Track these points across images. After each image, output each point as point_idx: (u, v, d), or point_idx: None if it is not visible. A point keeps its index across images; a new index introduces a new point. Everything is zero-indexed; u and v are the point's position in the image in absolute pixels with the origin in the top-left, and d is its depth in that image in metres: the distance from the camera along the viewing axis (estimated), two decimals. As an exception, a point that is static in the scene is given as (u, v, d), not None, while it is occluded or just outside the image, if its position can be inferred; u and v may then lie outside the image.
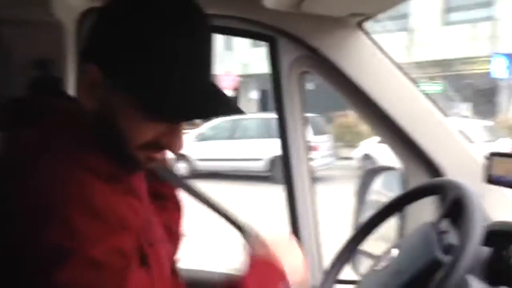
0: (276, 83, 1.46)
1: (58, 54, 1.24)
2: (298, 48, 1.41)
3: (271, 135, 11.82)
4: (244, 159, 11.77)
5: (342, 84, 1.39)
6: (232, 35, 1.56)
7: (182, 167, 11.80)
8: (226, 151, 12.01)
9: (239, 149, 11.94)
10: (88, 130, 0.79)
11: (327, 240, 1.52)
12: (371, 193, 1.61)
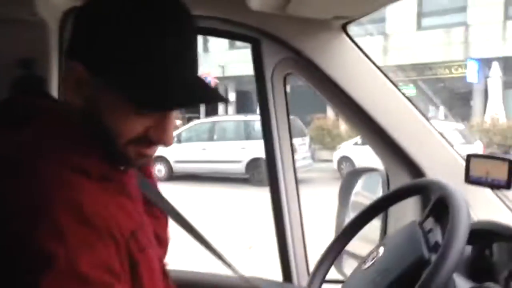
0: (260, 85, 1.46)
1: (42, 53, 1.22)
2: (282, 50, 1.42)
3: (250, 137, 11.86)
4: (223, 161, 11.75)
5: (325, 86, 1.41)
6: (216, 36, 1.56)
7: (160, 169, 11.72)
8: (204, 153, 11.97)
9: (218, 151, 11.92)
10: (77, 129, 0.79)
11: (310, 241, 1.53)
12: (353, 194, 1.63)
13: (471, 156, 1.17)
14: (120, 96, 0.75)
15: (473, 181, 1.15)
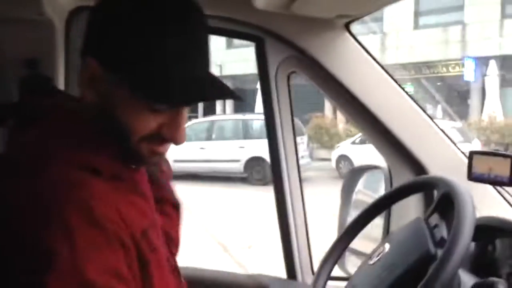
0: (264, 84, 1.47)
1: (48, 53, 1.23)
2: (286, 49, 1.43)
3: (248, 136, 11.86)
4: (221, 160, 11.74)
5: (328, 84, 1.42)
6: (219, 35, 1.57)
7: (159, 169, 11.68)
8: (203, 152, 11.96)
9: (216, 150, 11.92)
10: (88, 126, 0.79)
11: (310, 241, 1.54)
12: (355, 193, 1.64)
13: (474, 153, 1.18)
14: (134, 92, 0.76)
15: (475, 178, 1.16)
